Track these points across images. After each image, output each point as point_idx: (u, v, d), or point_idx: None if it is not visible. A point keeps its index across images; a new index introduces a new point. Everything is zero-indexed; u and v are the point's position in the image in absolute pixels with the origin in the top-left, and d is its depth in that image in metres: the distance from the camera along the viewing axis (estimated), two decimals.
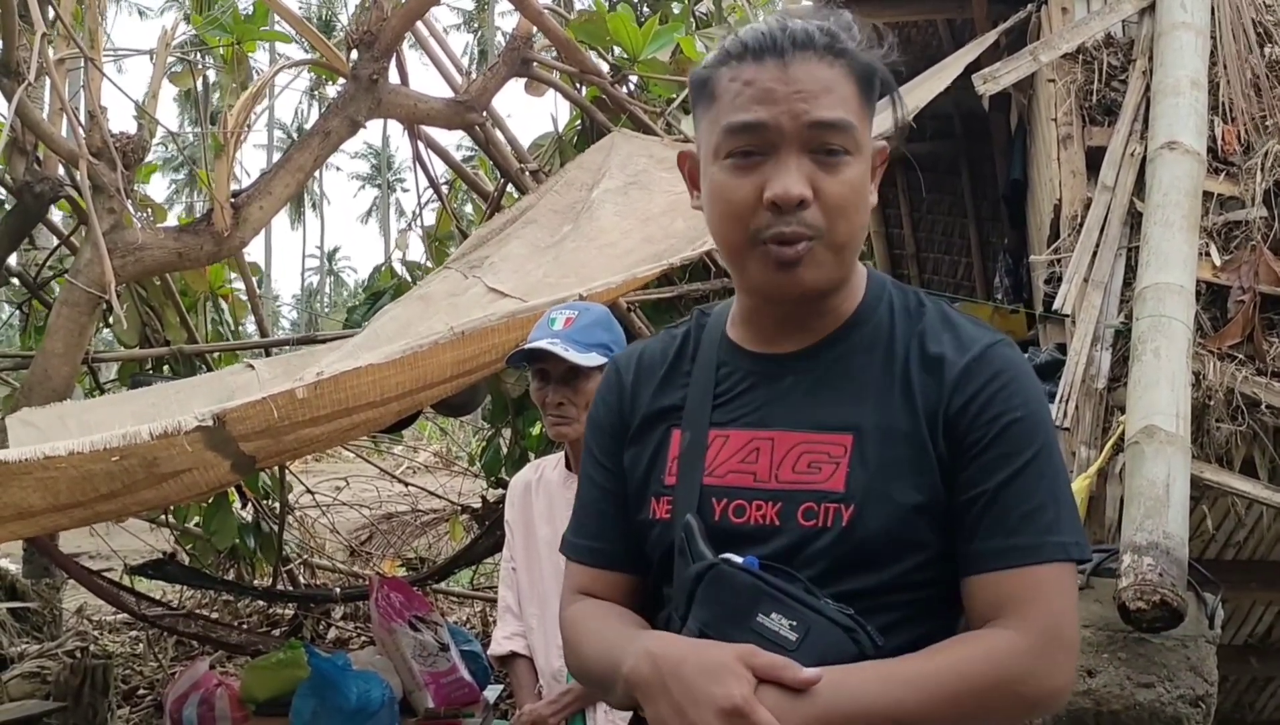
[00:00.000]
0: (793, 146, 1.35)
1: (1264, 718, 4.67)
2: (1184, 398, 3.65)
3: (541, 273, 4.23)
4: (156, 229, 4.85)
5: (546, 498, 3.00)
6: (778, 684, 1.27)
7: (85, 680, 5.56)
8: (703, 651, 1.30)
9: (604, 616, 1.52)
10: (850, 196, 1.37)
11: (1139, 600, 3.17)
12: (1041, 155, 5.20)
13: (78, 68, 6.03)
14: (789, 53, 1.36)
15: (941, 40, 6.85)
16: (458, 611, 8.62)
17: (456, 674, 3.90)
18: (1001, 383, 1.37)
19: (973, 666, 1.30)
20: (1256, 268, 4.12)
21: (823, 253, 1.37)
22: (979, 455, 1.36)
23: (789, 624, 1.30)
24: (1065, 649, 1.33)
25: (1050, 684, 1.31)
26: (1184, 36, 4.53)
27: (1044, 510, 1.35)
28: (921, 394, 1.39)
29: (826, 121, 1.35)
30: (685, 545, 1.40)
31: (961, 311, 1.49)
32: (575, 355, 2.73)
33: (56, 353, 4.55)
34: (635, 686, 1.33)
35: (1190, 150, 4.23)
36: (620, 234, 4.43)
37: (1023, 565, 1.33)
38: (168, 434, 2.75)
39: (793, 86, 1.35)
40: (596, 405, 1.64)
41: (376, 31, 4.87)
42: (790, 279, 1.38)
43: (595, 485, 1.61)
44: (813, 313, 1.46)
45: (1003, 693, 1.30)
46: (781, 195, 1.34)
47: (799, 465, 1.40)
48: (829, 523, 1.36)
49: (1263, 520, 3.93)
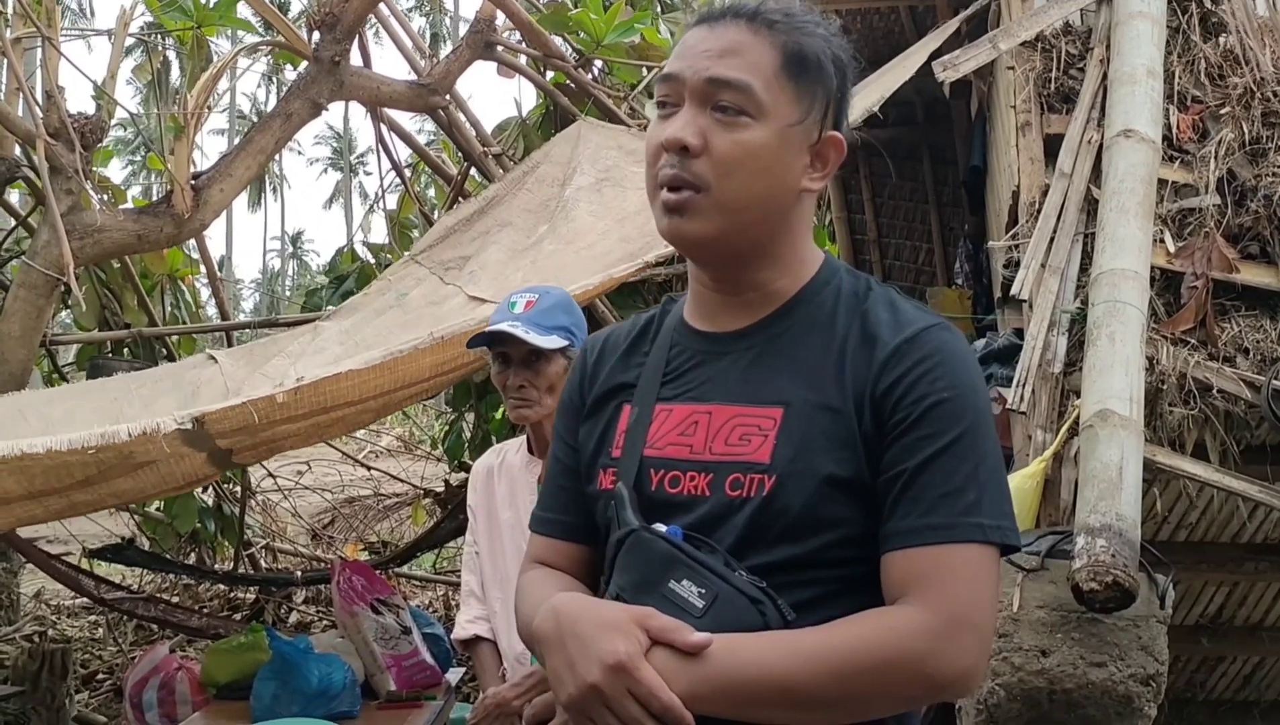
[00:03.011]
0: (694, 99, 1.42)
1: (1214, 696, 4.75)
2: (1138, 382, 3.70)
3: (521, 277, 4.25)
4: (115, 211, 4.82)
5: (508, 482, 3.00)
6: (670, 646, 1.29)
7: (44, 665, 5.52)
8: (599, 609, 1.35)
9: (544, 582, 1.56)
10: (741, 157, 1.40)
11: (1092, 581, 3.21)
12: (1001, 142, 5.24)
13: (35, 47, 5.96)
14: (719, 20, 1.45)
15: (904, 27, 6.88)
16: (420, 595, 8.62)
17: (419, 657, 3.90)
18: (930, 365, 1.38)
19: (871, 642, 1.30)
20: (1209, 254, 4.18)
21: (707, 206, 1.41)
22: (901, 435, 1.37)
23: (698, 591, 1.33)
24: (972, 631, 1.31)
25: (953, 666, 1.30)
26: (1141, 26, 4.57)
27: (964, 492, 1.34)
28: (853, 372, 1.41)
29: (720, 78, 1.41)
30: (614, 513, 1.44)
31: (929, 298, 1.52)
32: (536, 338, 2.73)
33: (13, 335, 4.51)
34: (539, 641, 1.38)
35: (1146, 138, 4.28)
36: (598, 235, 4.45)
37: (935, 544, 1.33)
38: (147, 435, 2.76)
39: (705, 45, 1.43)
40: (566, 386, 1.69)
41: (338, 13, 4.84)
42: (671, 225, 1.44)
43: (558, 461, 1.65)
44: (747, 290, 1.49)
45: (901, 671, 1.29)
46: (666, 139, 1.42)
47: (731, 438, 1.42)
48: (751, 493, 1.39)
49: (1213, 503, 3.99)
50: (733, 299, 1.50)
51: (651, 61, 5.99)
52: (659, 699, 1.27)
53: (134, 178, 44.97)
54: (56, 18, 4.91)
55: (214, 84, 4.69)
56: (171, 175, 4.68)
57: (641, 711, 1.27)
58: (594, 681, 1.28)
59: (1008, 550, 1.38)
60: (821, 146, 1.47)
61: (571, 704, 1.31)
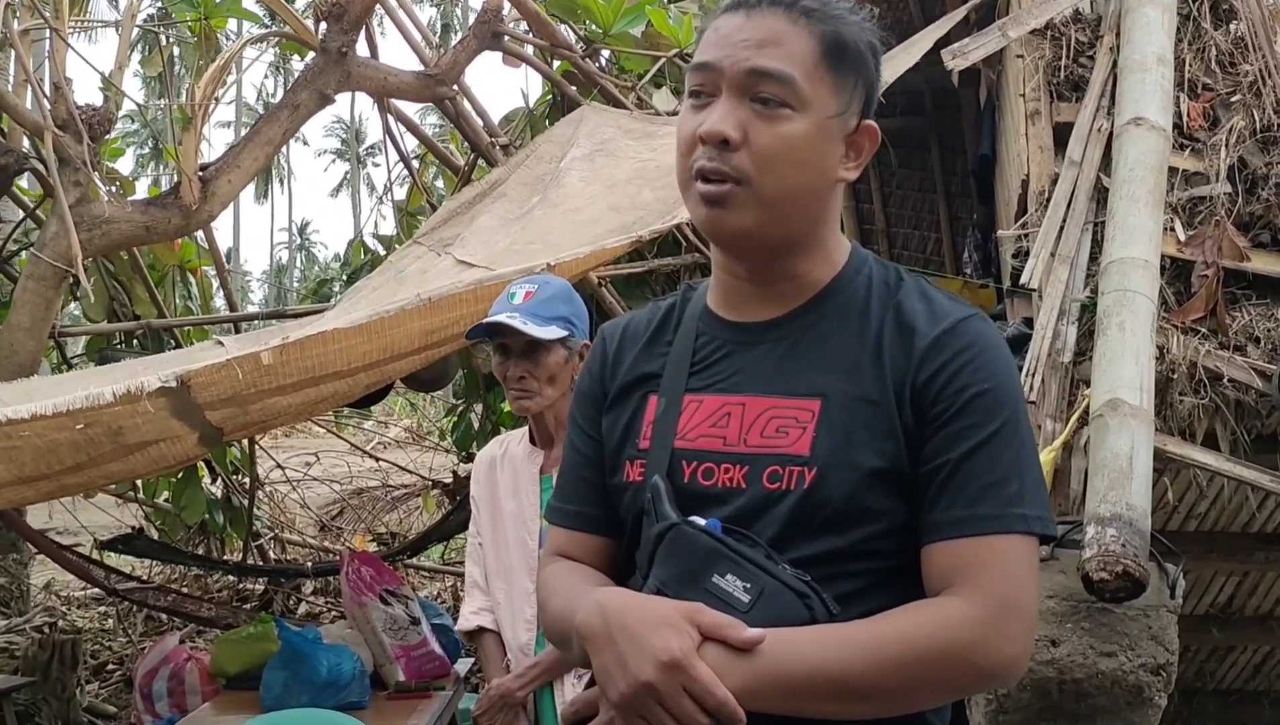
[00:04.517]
0: (733, 90, 1.40)
1: (1224, 686, 4.75)
2: (1148, 371, 3.68)
3: (509, 241, 4.21)
4: (124, 202, 4.82)
5: (511, 472, 3.00)
6: (723, 642, 1.28)
7: (54, 655, 5.55)
8: (649, 605, 1.32)
9: (570, 575, 1.54)
10: (782, 150, 1.39)
11: (1102, 571, 3.21)
12: (1010, 131, 5.22)
13: (43, 39, 5.96)
14: (755, 7, 1.42)
15: (912, 15, 6.86)
16: (429, 586, 8.63)
17: (427, 647, 3.90)
18: (970, 355, 1.38)
19: (923, 633, 1.29)
20: (1220, 243, 4.16)
21: (748, 199, 1.40)
22: (945, 426, 1.36)
23: (743, 586, 1.32)
24: (1019, 619, 1.31)
25: (1002, 654, 1.30)
26: (1151, 13, 4.55)
27: (1007, 482, 1.34)
28: (891, 364, 1.40)
29: (762, 70, 1.38)
30: (651, 506, 1.42)
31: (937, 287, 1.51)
32: (534, 329, 2.73)
33: (22, 327, 4.51)
34: (585, 638, 1.35)
35: (1156, 126, 4.26)
36: (586, 200, 4.40)
37: (980, 534, 1.33)
38: (130, 395, 2.73)
39: (743, 34, 1.40)
40: (582, 374, 1.67)
41: (345, 4, 4.83)
42: (712, 217, 1.42)
43: (576, 451, 1.62)
44: (781, 280, 1.48)
45: (953, 661, 1.29)
46: (705, 131, 1.39)
47: (767, 430, 1.41)
48: (791, 485, 1.37)
49: (1224, 492, 3.98)
50: (766, 289, 1.49)
51: (660, 51, 5.97)
52: (714, 695, 1.25)
53: (142, 169, 45.06)
54: (64, 9, 4.91)
55: (221, 75, 4.68)
56: (179, 166, 4.68)
57: (696, 708, 1.26)
58: (648, 679, 1.26)
59: (1045, 540, 1.38)
60: (857, 136, 1.46)
61: (623, 701, 1.29)
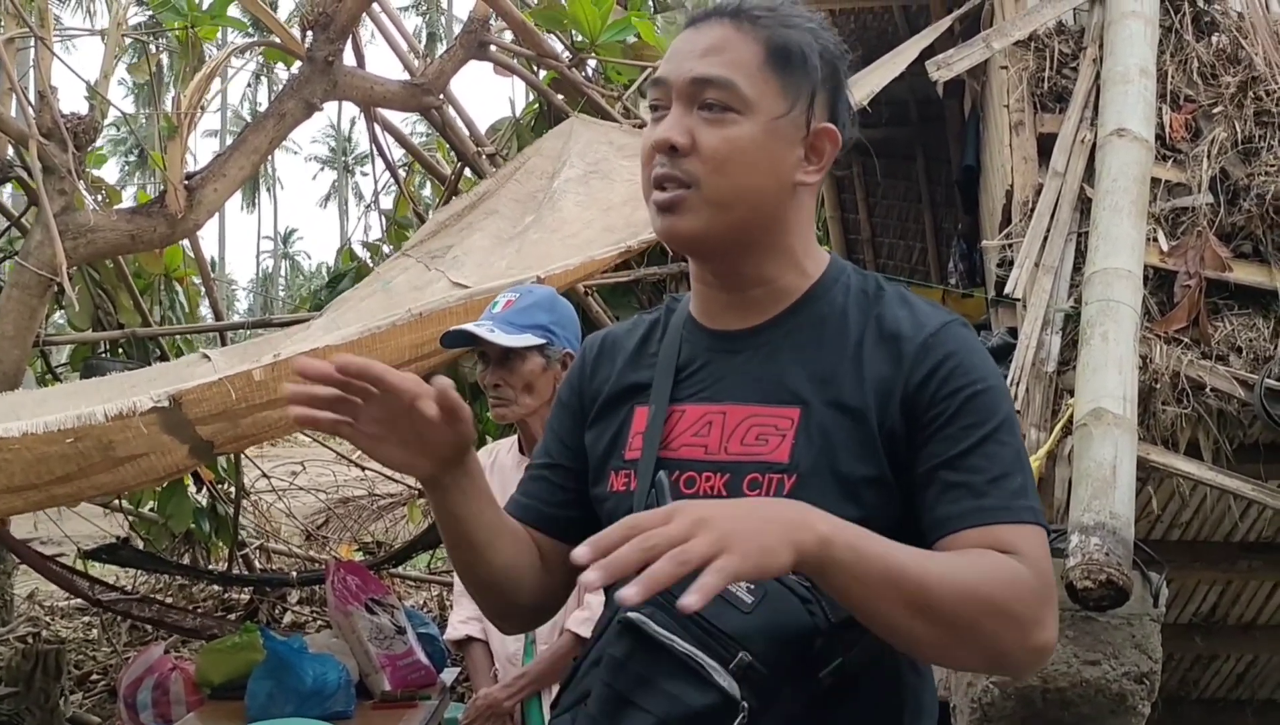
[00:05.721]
0: (681, 100, 1.43)
1: (1207, 695, 4.76)
2: (1131, 381, 3.70)
3: (505, 264, 4.21)
4: (109, 211, 4.81)
5: (500, 481, 3.00)
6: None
7: (37, 666, 5.52)
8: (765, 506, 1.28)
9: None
10: (729, 152, 1.41)
11: (1086, 579, 3.22)
12: (994, 141, 5.25)
13: (27, 47, 5.94)
14: (705, 21, 1.46)
15: (897, 26, 6.90)
16: (415, 595, 8.61)
17: (413, 657, 3.89)
18: (960, 358, 1.39)
19: (1000, 573, 1.27)
20: (1202, 253, 4.19)
21: (698, 202, 1.42)
22: (943, 427, 1.36)
23: (747, 587, 1.30)
24: (1055, 607, 1.31)
25: (1044, 635, 1.29)
26: (1134, 25, 4.58)
27: (1011, 477, 1.35)
28: (873, 371, 1.40)
29: (703, 77, 1.42)
30: (656, 502, 1.39)
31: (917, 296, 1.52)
32: (501, 337, 2.73)
33: (7, 336, 4.49)
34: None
35: (1139, 137, 4.29)
36: (582, 224, 4.42)
37: (999, 523, 1.32)
38: (123, 416, 2.74)
39: (690, 46, 1.45)
40: (562, 385, 1.69)
41: (332, 13, 4.83)
42: (664, 224, 1.45)
43: (545, 453, 1.65)
44: (750, 286, 1.49)
45: (1009, 617, 1.26)
46: (655, 140, 1.43)
47: (747, 438, 1.42)
48: (771, 492, 1.38)
49: (1206, 501, 4.00)
50: (739, 296, 1.50)
51: (646, 61, 5.98)
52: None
53: (128, 177, 44.93)
54: (49, 18, 4.91)
55: (207, 84, 4.67)
56: (165, 174, 4.67)
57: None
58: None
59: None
60: (814, 139, 1.47)
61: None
